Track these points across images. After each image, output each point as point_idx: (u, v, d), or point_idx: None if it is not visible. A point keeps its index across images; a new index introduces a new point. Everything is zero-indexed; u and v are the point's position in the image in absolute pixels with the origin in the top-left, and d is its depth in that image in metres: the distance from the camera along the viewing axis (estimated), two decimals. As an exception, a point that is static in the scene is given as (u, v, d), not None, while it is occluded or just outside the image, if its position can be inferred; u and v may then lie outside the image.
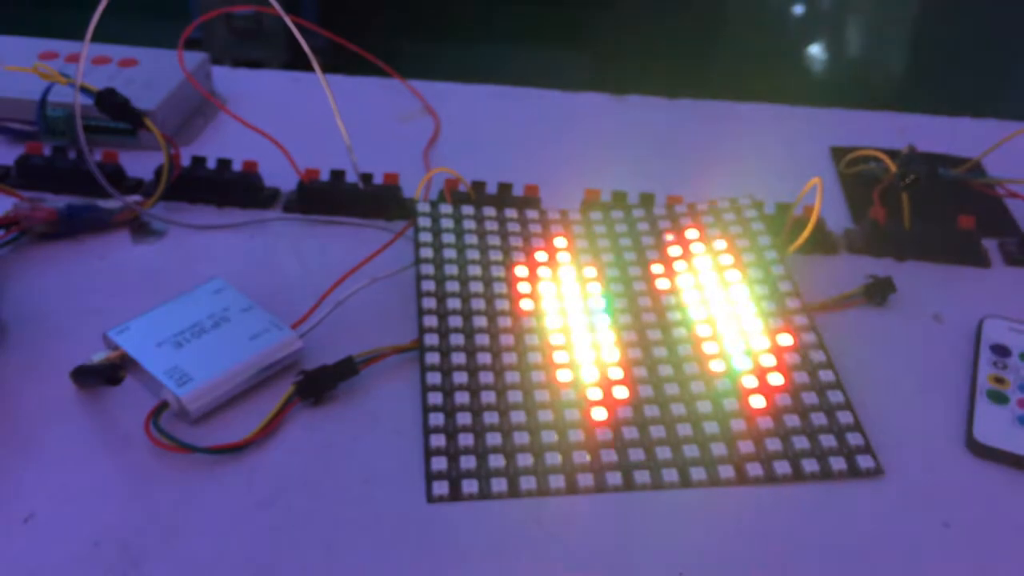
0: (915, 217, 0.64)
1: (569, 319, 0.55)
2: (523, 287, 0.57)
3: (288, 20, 0.63)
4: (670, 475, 0.47)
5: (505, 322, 0.54)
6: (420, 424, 0.49)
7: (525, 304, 0.56)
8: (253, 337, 0.52)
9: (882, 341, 0.57)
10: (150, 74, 0.73)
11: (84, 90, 0.63)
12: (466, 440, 0.48)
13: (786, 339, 0.54)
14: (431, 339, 0.53)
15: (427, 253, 0.57)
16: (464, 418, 0.49)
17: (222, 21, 1.97)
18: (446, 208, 0.61)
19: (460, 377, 0.51)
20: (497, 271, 0.57)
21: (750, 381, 0.52)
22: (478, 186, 0.65)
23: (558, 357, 0.53)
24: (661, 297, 0.57)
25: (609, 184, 0.65)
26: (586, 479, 0.47)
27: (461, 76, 0.84)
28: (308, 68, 0.65)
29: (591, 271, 0.59)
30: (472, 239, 0.59)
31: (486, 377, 0.51)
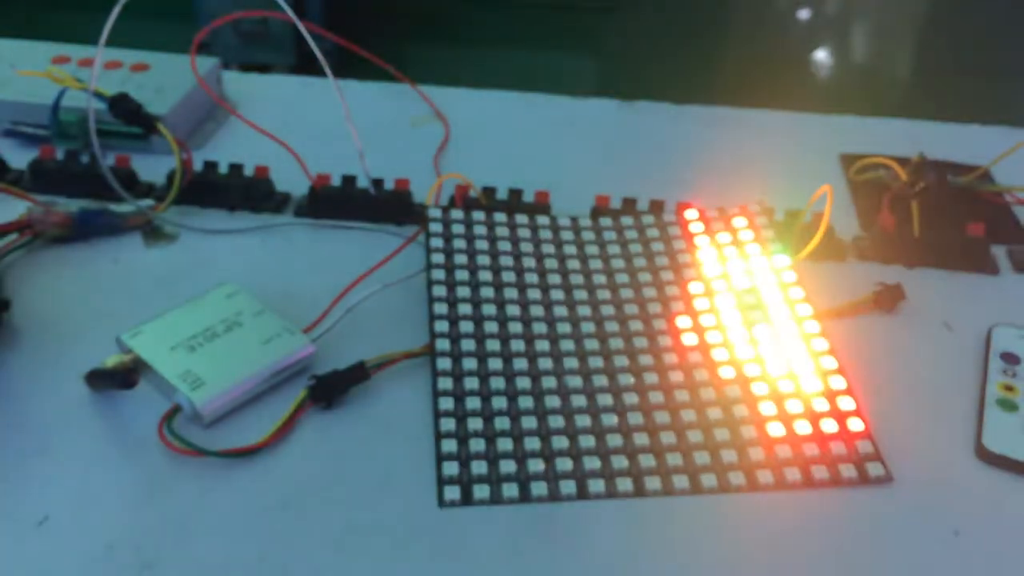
0: (924, 224, 0.64)
1: (580, 325, 0.55)
2: (534, 293, 0.57)
3: (300, 25, 0.63)
4: (681, 481, 0.47)
5: (516, 327, 0.55)
6: (431, 429, 0.49)
7: (535, 310, 0.56)
8: (265, 341, 0.52)
9: (892, 348, 0.57)
10: (162, 79, 0.73)
11: (97, 95, 0.63)
12: (477, 445, 0.48)
13: (796, 346, 0.54)
14: (442, 344, 0.53)
15: (438, 258, 0.58)
16: (475, 423, 0.49)
17: (229, 24, 1.97)
18: (457, 214, 0.61)
19: (471, 382, 0.51)
20: (508, 277, 0.58)
21: (760, 388, 0.52)
22: (488, 192, 0.65)
23: (568, 363, 0.53)
24: (671, 303, 0.57)
25: (619, 190, 0.66)
26: (597, 485, 0.47)
27: (470, 81, 0.84)
28: (314, 72, 0.65)
29: (600, 278, 0.59)
30: (483, 245, 0.59)
31: (497, 382, 0.51)
